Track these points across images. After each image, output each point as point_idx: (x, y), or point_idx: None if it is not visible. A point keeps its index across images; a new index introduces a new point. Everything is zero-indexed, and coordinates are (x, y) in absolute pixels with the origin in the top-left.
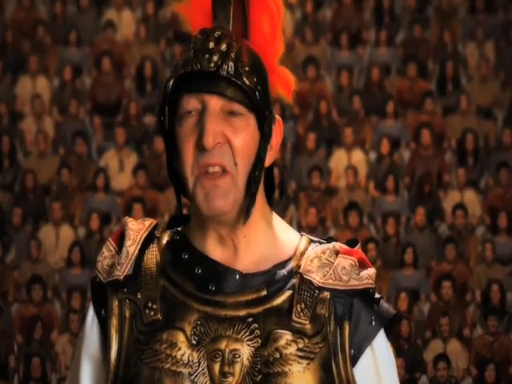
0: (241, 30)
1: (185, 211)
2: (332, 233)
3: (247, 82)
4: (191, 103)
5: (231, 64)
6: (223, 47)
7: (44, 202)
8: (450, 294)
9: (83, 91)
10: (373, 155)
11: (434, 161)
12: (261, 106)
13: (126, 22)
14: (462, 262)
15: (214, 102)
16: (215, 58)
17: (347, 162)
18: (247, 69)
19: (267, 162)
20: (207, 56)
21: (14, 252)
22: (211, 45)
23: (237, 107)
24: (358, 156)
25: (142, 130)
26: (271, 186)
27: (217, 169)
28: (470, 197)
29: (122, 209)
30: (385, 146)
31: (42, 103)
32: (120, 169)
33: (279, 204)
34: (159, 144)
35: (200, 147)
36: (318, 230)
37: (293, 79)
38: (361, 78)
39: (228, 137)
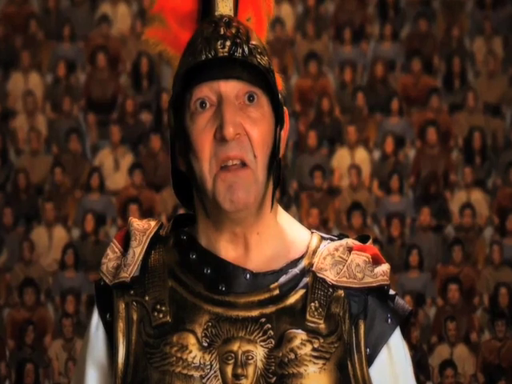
0: None
1: (182, 211)
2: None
3: (262, 62)
4: (205, 94)
5: (244, 46)
6: (234, 31)
7: (36, 203)
8: (456, 298)
9: (77, 88)
10: (377, 154)
11: (440, 160)
12: (275, 86)
13: (121, 17)
14: (469, 264)
15: (230, 88)
16: (228, 42)
17: (350, 161)
18: (259, 50)
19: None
20: (220, 41)
21: (6, 254)
22: (222, 30)
23: (253, 90)
24: (361, 155)
25: (138, 128)
26: (276, 179)
27: (236, 162)
28: (478, 197)
29: (117, 209)
30: (389, 145)
31: (35, 100)
32: (115, 168)
33: (280, 204)
34: (156, 142)
35: (219, 140)
36: (320, 231)
37: (279, 76)
38: (364, 74)
39: (246, 129)
